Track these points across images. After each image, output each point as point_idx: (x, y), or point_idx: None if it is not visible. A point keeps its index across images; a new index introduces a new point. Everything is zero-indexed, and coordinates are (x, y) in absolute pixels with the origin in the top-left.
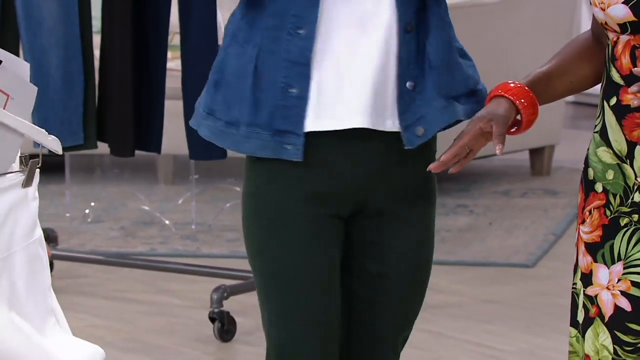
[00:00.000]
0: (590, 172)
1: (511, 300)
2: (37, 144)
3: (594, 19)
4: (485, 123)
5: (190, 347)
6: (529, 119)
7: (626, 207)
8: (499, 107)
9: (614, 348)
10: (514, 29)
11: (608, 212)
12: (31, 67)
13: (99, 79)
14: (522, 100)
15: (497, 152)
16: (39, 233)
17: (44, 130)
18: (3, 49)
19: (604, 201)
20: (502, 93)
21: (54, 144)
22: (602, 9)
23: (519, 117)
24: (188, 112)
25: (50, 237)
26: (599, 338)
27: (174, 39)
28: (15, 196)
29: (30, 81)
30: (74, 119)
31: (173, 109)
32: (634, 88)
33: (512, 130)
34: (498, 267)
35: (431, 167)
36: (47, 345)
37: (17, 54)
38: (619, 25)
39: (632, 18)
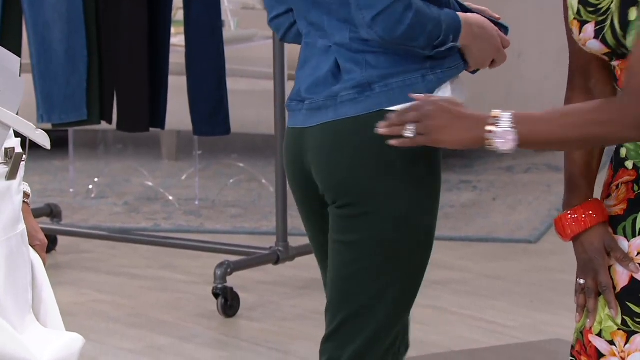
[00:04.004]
0: (623, 151)
1: (515, 276)
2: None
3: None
4: (604, 260)
5: (194, 322)
6: (604, 216)
7: None
8: (597, 255)
9: (623, 319)
10: (518, 10)
11: (636, 187)
12: (34, 42)
13: (104, 55)
14: (594, 216)
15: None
16: (21, 227)
17: (31, 124)
18: (6, 25)
19: (634, 177)
20: (585, 227)
21: (42, 137)
22: (582, 44)
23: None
24: (192, 88)
25: (54, 213)
26: (605, 309)
27: (177, 14)
28: None
29: (34, 57)
30: (78, 94)
31: (176, 84)
32: (383, 124)
33: None
34: (501, 242)
35: (611, 313)
36: (26, 342)
37: (21, 30)
38: (604, 54)
39: (605, 50)
